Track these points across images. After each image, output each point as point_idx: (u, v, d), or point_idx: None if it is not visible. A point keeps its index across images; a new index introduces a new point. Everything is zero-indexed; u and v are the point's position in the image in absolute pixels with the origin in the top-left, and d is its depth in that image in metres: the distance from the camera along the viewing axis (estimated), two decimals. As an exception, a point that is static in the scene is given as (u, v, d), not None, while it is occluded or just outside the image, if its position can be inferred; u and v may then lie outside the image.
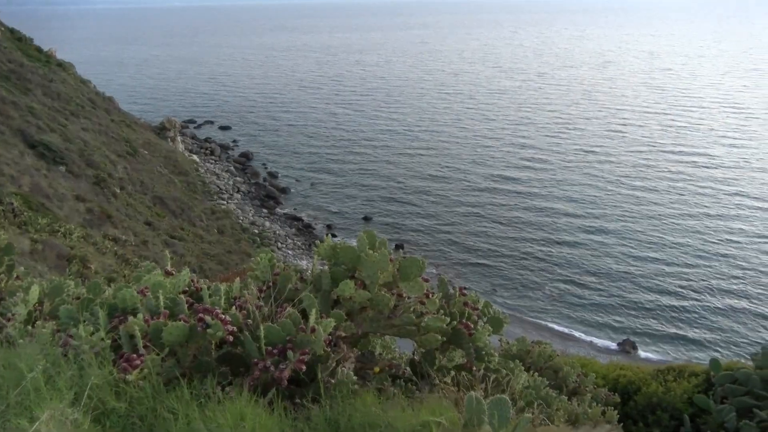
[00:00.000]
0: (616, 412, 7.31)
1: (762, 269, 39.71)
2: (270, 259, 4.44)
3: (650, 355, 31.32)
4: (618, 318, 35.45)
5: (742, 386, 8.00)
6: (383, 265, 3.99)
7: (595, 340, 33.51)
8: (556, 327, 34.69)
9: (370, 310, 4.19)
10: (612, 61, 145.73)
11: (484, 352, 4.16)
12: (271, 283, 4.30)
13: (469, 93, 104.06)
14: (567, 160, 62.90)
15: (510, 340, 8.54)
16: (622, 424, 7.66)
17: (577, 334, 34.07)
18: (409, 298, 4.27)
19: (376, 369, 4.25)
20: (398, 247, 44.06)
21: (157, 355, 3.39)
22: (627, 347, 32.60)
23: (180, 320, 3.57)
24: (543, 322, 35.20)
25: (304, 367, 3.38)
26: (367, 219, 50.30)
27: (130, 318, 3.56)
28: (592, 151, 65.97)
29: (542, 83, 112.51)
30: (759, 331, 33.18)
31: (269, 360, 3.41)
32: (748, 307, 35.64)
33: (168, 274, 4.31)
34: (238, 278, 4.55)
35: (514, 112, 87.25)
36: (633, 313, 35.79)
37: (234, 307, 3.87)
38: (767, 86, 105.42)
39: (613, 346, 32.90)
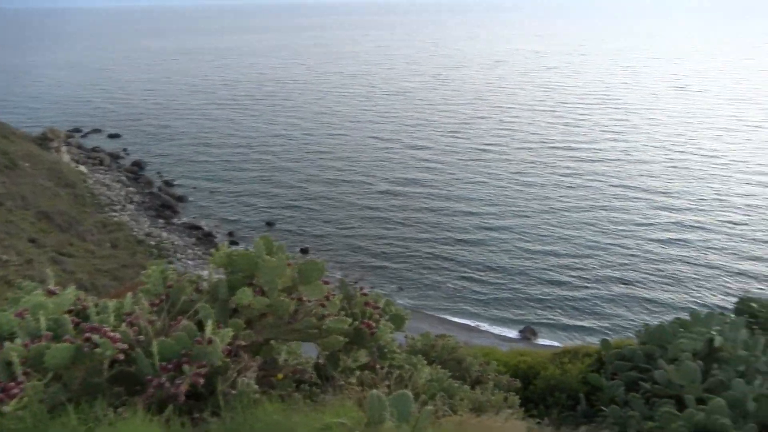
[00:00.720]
0: (517, 396, 7.64)
1: (644, 256, 42.67)
2: (162, 271, 4.27)
3: (549, 341, 32.88)
4: (518, 309, 36.97)
5: (629, 362, 8.60)
6: (281, 270, 3.95)
7: (498, 330, 34.79)
8: (460, 320, 35.68)
9: (270, 316, 4.12)
10: (502, 60, 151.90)
11: (386, 350, 4.21)
12: (164, 296, 4.13)
13: (366, 95, 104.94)
14: (464, 160, 64.77)
15: (415, 335, 8.70)
16: (523, 407, 8.01)
17: (480, 325, 35.25)
18: (309, 301, 4.25)
19: (279, 376, 4.20)
20: (303, 251, 43.73)
21: (40, 380, 3.17)
22: (527, 334, 34.09)
23: (65, 341, 3.35)
24: (448, 317, 36.11)
25: (201, 381, 3.28)
26: (269, 224, 49.50)
27: (7, 344, 3.30)
28: (487, 150, 68.37)
29: (437, 84, 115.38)
30: (644, 313, 35.63)
31: (164, 376, 3.28)
32: (634, 291, 38.22)
33: (50, 293, 4.04)
34: (129, 293, 4.33)
35: (412, 113, 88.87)
36: (532, 303, 37.44)
37: (124, 324, 3.69)
38: (643, 83, 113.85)
39: (515, 334, 34.29)
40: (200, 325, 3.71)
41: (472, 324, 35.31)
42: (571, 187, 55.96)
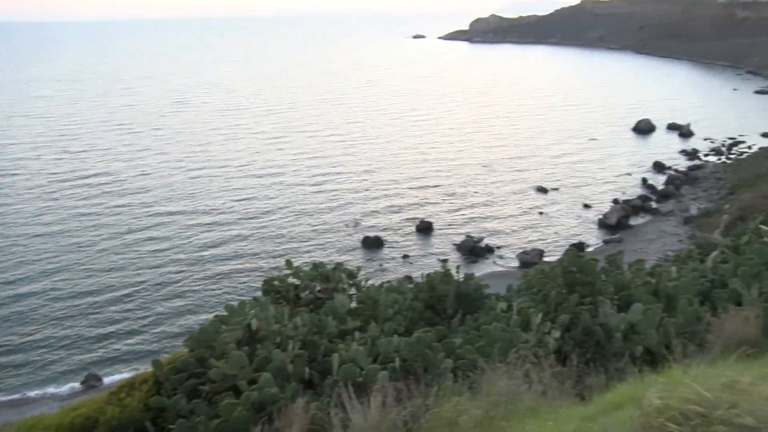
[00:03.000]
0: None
1: (191, 271, 43.74)
2: None
3: (116, 379, 30.95)
4: (72, 360, 33.57)
5: (185, 372, 8.76)
6: None
7: (57, 391, 31.06)
8: (4, 398, 30.38)
9: None
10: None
11: None
12: None
13: None
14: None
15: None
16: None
17: (29, 394, 30.68)
18: None
19: None
20: None
21: None
22: (91, 382, 31.42)
23: None
24: (-11, 400, 30.35)
25: None
26: None
27: None
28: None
29: None
30: (189, 322, 36.35)
31: None
32: (189, 308, 38.86)
33: None
34: None
35: None
36: (88, 350, 34.40)
37: None
38: (145, 102, 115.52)
39: (77, 387, 31.21)
40: None
41: (21, 397, 30.53)
42: (96, 220, 52.75)
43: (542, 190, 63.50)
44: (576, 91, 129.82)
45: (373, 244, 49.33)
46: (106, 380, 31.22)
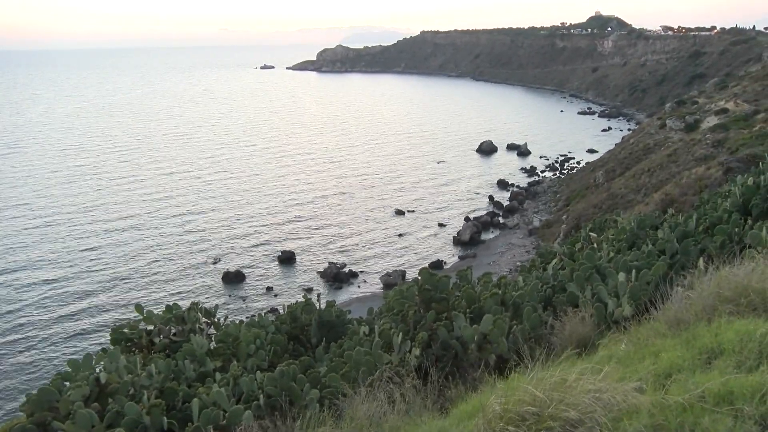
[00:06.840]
0: None
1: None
2: None
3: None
4: None
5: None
6: None
7: None
8: None
9: None
10: None
11: None
12: None
13: None
14: None
15: None
16: None
17: None
18: None
19: None
20: None
21: None
22: None
23: None
24: None
25: None
26: None
27: None
28: None
29: None
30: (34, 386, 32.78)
31: None
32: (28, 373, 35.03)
33: None
34: None
35: None
36: None
37: None
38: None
39: None
40: None
41: None
42: None
43: (400, 213, 65.51)
44: (424, 117, 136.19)
45: (234, 279, 47.83)
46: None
